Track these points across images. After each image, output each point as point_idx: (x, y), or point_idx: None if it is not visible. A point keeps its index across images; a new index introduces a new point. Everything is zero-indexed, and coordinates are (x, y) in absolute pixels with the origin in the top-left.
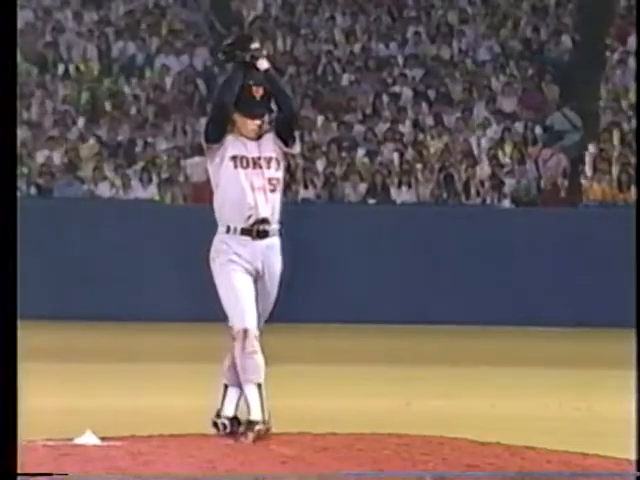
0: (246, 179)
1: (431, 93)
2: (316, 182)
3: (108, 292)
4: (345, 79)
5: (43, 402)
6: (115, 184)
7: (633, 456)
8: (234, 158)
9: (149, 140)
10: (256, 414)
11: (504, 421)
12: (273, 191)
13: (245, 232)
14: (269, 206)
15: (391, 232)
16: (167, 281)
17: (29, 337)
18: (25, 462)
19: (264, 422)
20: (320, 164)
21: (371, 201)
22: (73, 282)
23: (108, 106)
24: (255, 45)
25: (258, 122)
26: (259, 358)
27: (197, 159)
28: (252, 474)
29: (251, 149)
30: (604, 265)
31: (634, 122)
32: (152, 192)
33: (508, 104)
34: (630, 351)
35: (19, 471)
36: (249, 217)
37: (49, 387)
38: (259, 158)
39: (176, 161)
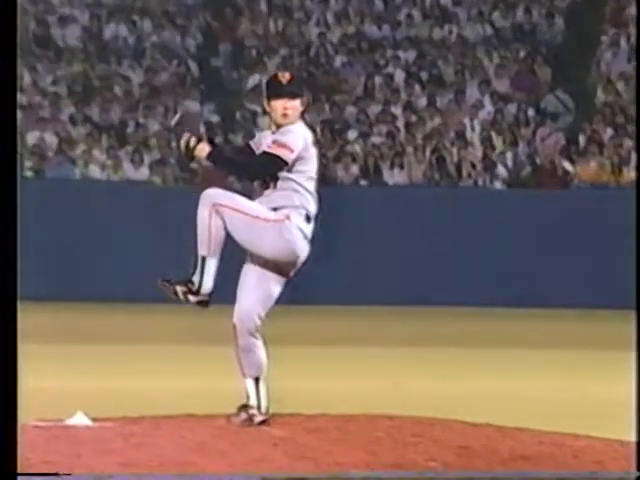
0: None
1: (423, 75)
2: None
3: (100, 273)
4: (337, 61)
5: (35, 384)
6: (106, 165)
7: (627, 438)
8: None
9: (141, 121)
10: (253, 401)
11: (496, 403)
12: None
13: None
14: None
15: (383, 214)
16: (160, 262)
17: (21, 319)
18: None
19: (259, 409)
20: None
21: (363, 183)
22: (65, 263)
23: (99, 87)
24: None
25: (282, 102)
26: (254, 355)
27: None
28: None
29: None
30: (596, 246)
31: (630, 106)
32: (144, 173)
33: (500, 86)
34: (625, 333)
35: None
36: None
37: (40, 369)
38: None
39: (168, 142)
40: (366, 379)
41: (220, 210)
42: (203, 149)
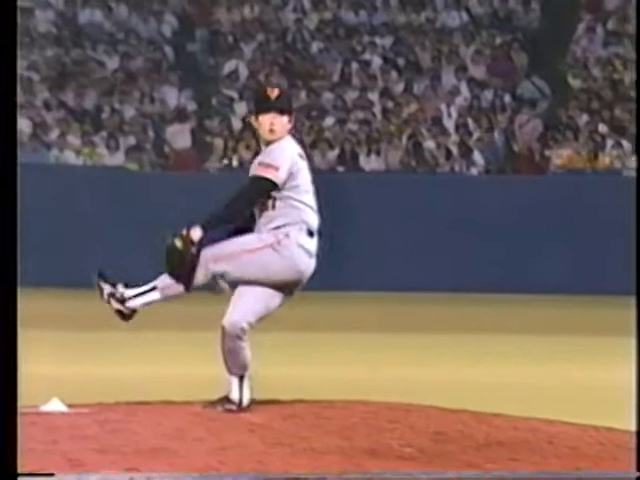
0: None
1: (400, 61)
2: None
3: (72, 260)
4: (314, 47)
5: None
6: (82, 151)
7: (603, 423)
8: None
9: (116, 107)
10: (235, 396)
11: (472, 388)
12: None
13: None
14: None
15: (359, 200)
16: (137, 248)
17: None
18: None
19: (240, 404)
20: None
21: (340, 169)
22: (39, 249)
23: (74, 72)
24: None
25: (269, 117)
26: (239, 356)
27: (177, 126)
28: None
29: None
30: (572, 232)
31: (605, 91)
32: (119, 159)
33: (477, 72)
34: (602, 318)
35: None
36: None
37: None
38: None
39: (143, 128)
40: (342, 365)
41: (214, 266)
42: (195, 232)
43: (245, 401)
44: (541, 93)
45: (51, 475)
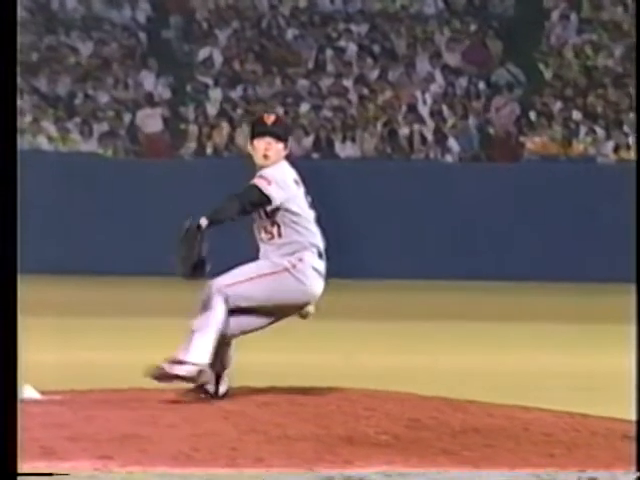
0: None
1: (375, 48)
2: None
3: (49, 245)
4: (289, 34)
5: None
6: (55, 137)
7: (578, 409)
8: None
9: (90, 93)
10: (211, 388)
11: (447, 376)
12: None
13: None
14: None
15: (335, 187)
16: (111, 234)
17: None
18: None
19: (216, 394)
20: None
21: (315, 156)
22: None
23: (47, 58)
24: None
25: (264, 142)
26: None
27: (148, 110)
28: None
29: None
30: (547, 219)
31: (579, 79)
32: (93, 145)
33: (452, 59)
34: (577, 304)
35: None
36: None
37: None
38: None
39: (117, 114)
40: (317, 353)
41: (229, 290)
42: (202, 220)
43: (221, 393)
44: (516, 80)
45: (51, 475)
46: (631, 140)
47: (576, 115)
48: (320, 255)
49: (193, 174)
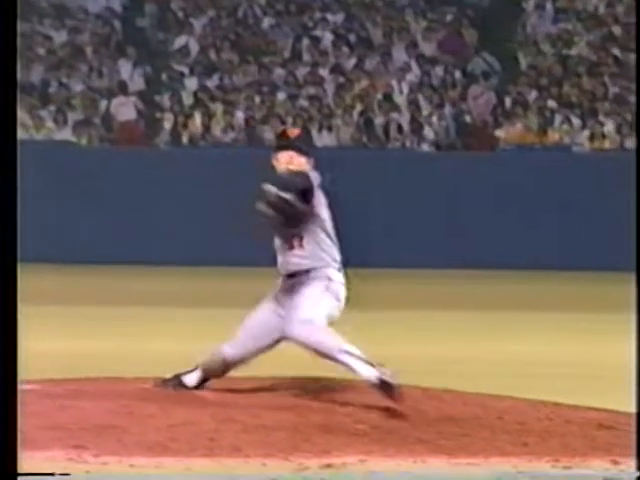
0: None
1: (351, 37)
2: (235, 126)
3: (21, 234)
4: (266, 23)
5: None
6: (29, 125)
7: (546, 397)
8: None
9: (64, 81)
10: (189, 382)
11: (422, 364)
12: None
13: None
14: None
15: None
16: (84, 222)
17: None
18: None
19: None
20: (240, 108)
21: None
22: None
23: (21, 47)
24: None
25: (287, 155)
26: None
27: (122, 98)
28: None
29: None
30: (523, 207)
31: (554, 67)
32: (67, 133)
33: (428, 48)
34: (551, 293)
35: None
36: None
37: None
38: None
39: (92, 102)
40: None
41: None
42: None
43: (194, 384)
44: (491, 69)
45: (51, 475)
46: (606, 129)
47: (551, 104)
48: (339, 269)
49: (169, 163)
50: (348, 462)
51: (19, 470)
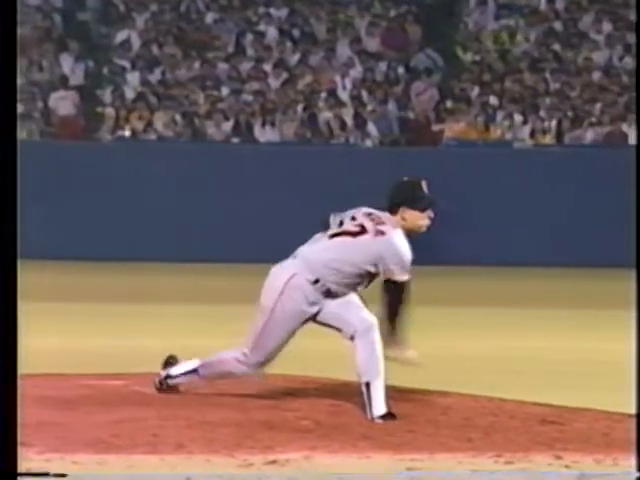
0: None
1: (295, 32)
2: (178, 120)
3: None
4: (209, 17)
5: None
6: None
7: (493, 394)
8: None
9: None
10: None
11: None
12: None
13: None
14: None
15: (254, 171)
16: (28, 217)
17: None
18: None
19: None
20: (183, 102)
21: (235, 140)
22: None
23: None
24: None
25: (431, 215)
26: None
27: (62, 92)
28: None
29: None
30: (464, 203)
31: (496, 63)
32: None
33: (371, 44)
34: (495, 289)
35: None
36: None
37: None
38: None
39: (32, 96)
40: (236, 338)
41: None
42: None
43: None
44: (434, 65)
45: (46, 475)
46: (547, 124)
47: (493, 100)
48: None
49: (111, 157)
50: (292, 458)
51: None
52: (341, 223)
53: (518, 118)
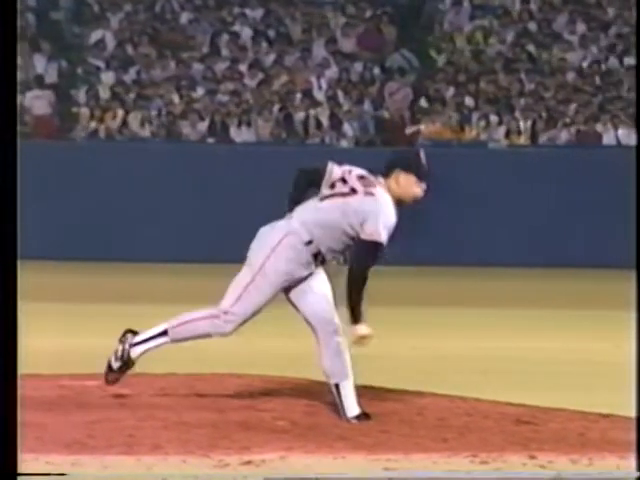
0: None
1: (271, 33)
2: (152, 120)
3: None
4: (184, 17)
5: None
6: None
7: (468, 394)
8: None
9: None
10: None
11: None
12: None
13: None
14: None
15: (230, 171)
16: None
17: None
18: None
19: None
20: (157, 102)
21: (210, 140)
22: None
23: None
24: None
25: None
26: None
27: (37, 92)
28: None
29: None
30: (439, 204)
31: (470, 64)
32: None
33: (347, 45)
34: (480, 289)
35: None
36: None
37: None
38: None
39: None
40: (215, 338)
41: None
42: None
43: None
44: (410, 65)
45: (47, 475)
46: (522, 125)
47: (468, 101)
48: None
49: (85, 157)
50: (268, 458)
51: None
52: (332, 186)
53: (493, 118)
